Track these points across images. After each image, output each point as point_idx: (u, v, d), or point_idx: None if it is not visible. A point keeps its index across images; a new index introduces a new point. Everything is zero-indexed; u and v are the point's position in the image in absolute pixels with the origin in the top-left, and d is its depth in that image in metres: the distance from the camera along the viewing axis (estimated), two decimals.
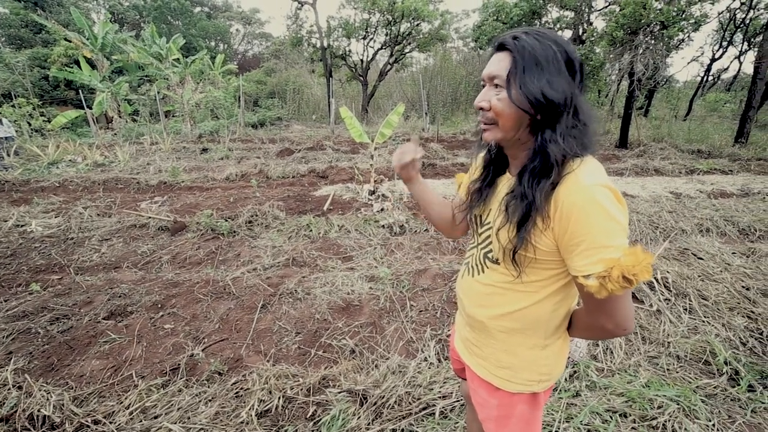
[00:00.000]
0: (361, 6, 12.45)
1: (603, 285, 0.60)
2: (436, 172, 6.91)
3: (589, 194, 0.61)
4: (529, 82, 0.65)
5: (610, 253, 0.60)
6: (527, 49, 0.65)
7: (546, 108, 0.65)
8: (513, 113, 0.68)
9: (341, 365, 1.86)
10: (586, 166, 0.65)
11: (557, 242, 0.67)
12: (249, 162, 7.02)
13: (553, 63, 0.65)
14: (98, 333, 2.22)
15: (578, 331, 0.80)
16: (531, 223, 0.67)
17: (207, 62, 14.86)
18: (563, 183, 0.65)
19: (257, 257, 3.21)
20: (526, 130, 0.70)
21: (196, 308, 2.51)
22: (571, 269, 0.67)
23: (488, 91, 0.71)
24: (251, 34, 27.87)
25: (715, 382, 1.86)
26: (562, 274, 0.73)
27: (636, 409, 1.58)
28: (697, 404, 1.66)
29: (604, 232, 0.61)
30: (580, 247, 0.63)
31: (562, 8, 9.57)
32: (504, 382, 0.83)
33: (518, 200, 0.69)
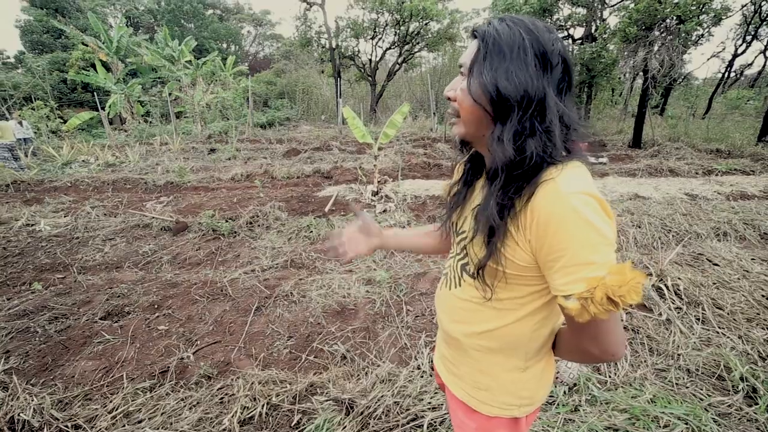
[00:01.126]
0: (370, 6, 12.42)
1: (585, 307, 0.53)
2: (441, 172, 6.81)
3: (567, 203, 0.53)
4: (486, 70, 0.58)
5: (593, 270, 0.52)
6: (493, 36, 0.58)
7: (499, 102, 0.58)
8: (469, 106, 0.61)
9: (331, 371, 1.81)
10: (567, 173, 0.57)
11: (535, 256, 0.59)
12: (255, 162, 7.05)
13: (518, 52, 0.57)
14: (94, 333, 2.22)
15: (563, 353, 0.72)
16: (499, 234, 0.60)
17: (218, 64, 15.06)
18: (539, 192, 0.56)
19: (256, 258, 3.19)
20: (489, 127, 0.62)
21: (192, 309, 2.50)
22: (551, 287, 0.59)
23: (458, 80, 0.65)
24: (262, 36, 28.18)
25: (730, 400, 1.73)
26: (544, 291, 0.65)
27: (639, 428, 1.48)
28: (708, 424, 1.55)
29: (587, 247, 0.53)
30: (559, 263, 0.55)
31: (574, 5, 9.35)
32: (481, 405, 0.76)
33: (485, 209, 0.62)
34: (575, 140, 0.61)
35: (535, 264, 0.61)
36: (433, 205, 4.78)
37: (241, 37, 25.19)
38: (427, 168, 7.13)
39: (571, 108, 0.61)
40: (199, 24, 23.22)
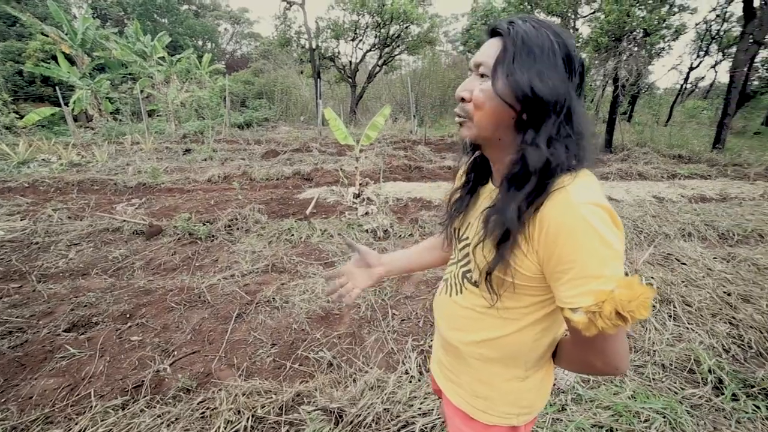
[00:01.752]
0: (350, 7, 12.39)
1: (592, 321, 0.52)
2: (422, 175, 6.85)
3: (578, 214, 0.52)
4: (517, 71, 0.56)
5: (601, 284, 0.51)
6: (521, 35, 0.56)
7: (532, 104, 0.56)
8: (494, 107, 0.59)
9: (317, 379, 1.77)
10: (579, 182, 0.56)
11: (542, 267, 0.58)
12: (233, 163, 6.85)
13: (549, 55, 0.56)
14: (56, 347, 2.06)
15: (564, 363, 0.72)
16: (511, 242, 0.58)
17: (194, 61, 14.56)
18: (550, 200, 0.55)
19: (235, 263, 3.08)
20: (508, 130, 0.61)
21: (168, 318, 2.38)
22: (557, 300, 0.58)
23: (472, 80, 0.62)
24: (239, 34, 27.50)
25: (700, 392, 1.83)
26: (547, 302, 0.64)
27: (623, 424, 1.52)
28: (683, 416, 1.62)
29: (596, 259, 0.52)
30: (567, 275, 0.54)
31: (549, 14, 9.68)
32: (479, 413, 0.75)
33: (498, 214, 0.60)
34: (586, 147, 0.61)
35: (541, 275, 0.60)
36: (415, 208, 4.79)
37: (217, 35, 24.44)
38: (408, 170, 7.16)
39: (584, 113, 0.61)
40: (173, 19, 22.35)
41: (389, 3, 12.40)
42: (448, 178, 6.62)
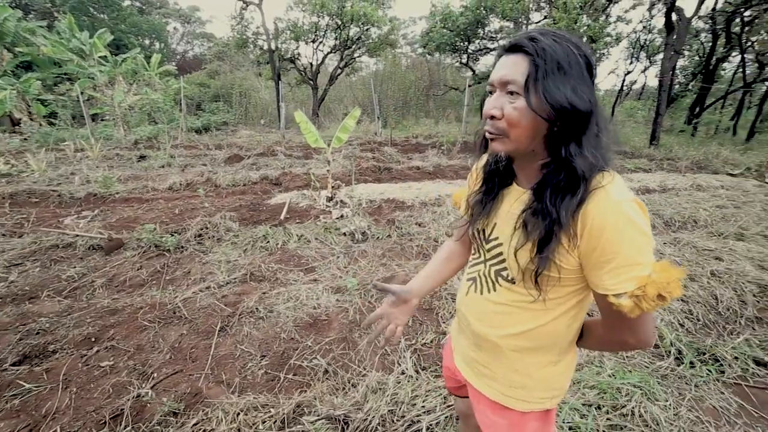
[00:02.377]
0: (310, 9, 12.21)
1: (637, 304, 0.57)
2: (392, 176, 6.91)
3: (621, 211, 0.58)
4: (552, 88, 0.59)
5: (641, 270, 0.57)
6: (548, 52, 0.59)
7: (571, 118, 0.60)
8: (530, 123, 0.62)
9: (315, 388, 1.73)
10: (614, 181, 0.61)
11: (582, 260, 0.63)
12: (194, 170, 6.48)
13: (576, 67, 0.60)
14: (4, 384, 1.82)
15: (592, 344, 0.77)
16: (555, 242, 0.62)
17: (141, 62, 13.57)
18: (592, 199, 0.60)
19: (210, 274, 2.93)
20: (541, 141, 0.65)
21: (141, 338, 2.20)
22: (599, 287, 0.62)
23: (500, 98, 0.64)
24: (191, 34, 26.02)
25: (666, 363, 2.03)
26: (580, 290, 0.69)
27: (608, 400, 1.64)
28: (655, 387, 1.78)
29: (636, 249, 0.58)
30: (610, 265, 0.59)
31: (503, 19, 10.17)
32: (516, 402, 0.78)
33: (539, 218, 0.63)
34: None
35: (579, 267, 0.64)
36: (389, 209, 4.82)
37: (166, 34, 22.86)
38: (378, 172, 7.19)
39: (606, 114, 0.66)
40: (114, 15, 20.54)
41: (349, 5, 12.38)
42: (418, 178, 6.73)
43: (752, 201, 5.29)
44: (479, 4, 11.09)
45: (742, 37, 11.99)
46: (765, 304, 2.71)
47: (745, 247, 3.53)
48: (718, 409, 1.74)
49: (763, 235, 3.96)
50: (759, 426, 1.68)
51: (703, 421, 1.65)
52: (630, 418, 1.55)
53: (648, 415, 1.56)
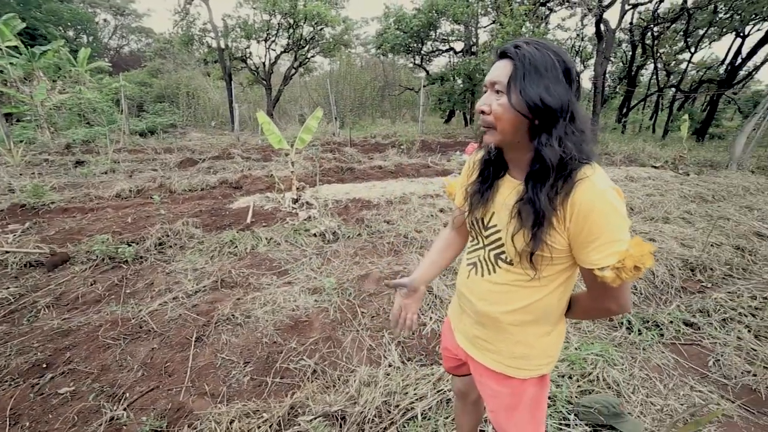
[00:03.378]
0: (261, 6, 11.80)
1: (618, 275, 0.68)
2: (355, 176, 6.93)
3: (605, 197, 0.68)
4: (528, 87, 0.69)
5: (620, 246, 0.68)
6: (527, 57, 0.70)
7: (543, 113, 0.70)
8: (512, 117, 0.72)
9: (306, 388, 1.73)
10: (598, 173, 0.72)
11: (570, 240, 0.73)
12: (144, 175, 6.02)
13: (552, 70, 0.70)
14: None
15: (578, 314, 0.88)
16: (546, 226, 0.72)
17: (66, 56, 12.18)
18: (579, 187, 0.70)
19: (177, 283, 2.77)
20: (525, 134, 0.74)
21: (105, 357, 2.04)
22: (585, 263, 0.73)
23: (489, 96, 0.75)
24: (125, 28, 23.80)
25: (619, 333, 2.31)
26: (568, 268, 0.80)
27: (577, 370, 1.83)
28: (613, 354, 2.02)
29: (616, 228, 0.69)
30: (595, 243, 0.70)
31: (454, 22, 10.60)
32: (518, 371, 0.87)
33: (529, 206, 0.73)
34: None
35: (567, 246, 0.75)
36: (356, 208, 4.85)
37: (95, 27, 20.63)
38: (341, 172, 7.17)
39: (585, 114, 0.76)
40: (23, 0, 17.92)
41: (302, 4, 12.16)
42: (381, 177, 6.81)
43: (672, 189, 6.03)
44: (431, 8, 11.45)
45: (653, 49, 13.62)
46: (687, 276, 3.14)
47: (670, 229, 4.04)
48: (661, 366, 2.02)
49: (682, 218, 4.55)
50: (689, 375, 1.99)
51: (650, 378, 1.91)
52: (596, 383, 1.75)
53: (610, 379, 1.78)
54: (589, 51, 16.26)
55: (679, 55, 14.43)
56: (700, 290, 2.96)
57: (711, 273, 3.21)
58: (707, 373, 2.00)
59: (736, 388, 1.90)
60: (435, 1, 11.74)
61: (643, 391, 1.78)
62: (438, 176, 6.86)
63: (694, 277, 3.16)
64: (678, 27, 13.02)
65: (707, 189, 6.19)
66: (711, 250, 3.52)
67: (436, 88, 14.92)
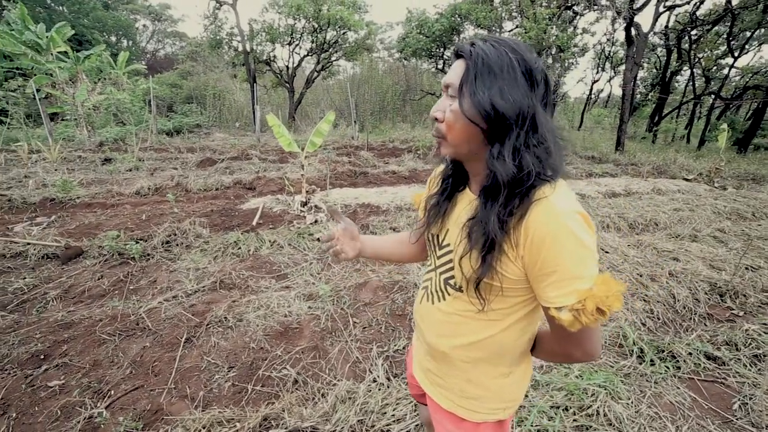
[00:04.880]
0: (286, 11, 12.08)
1: (576, 318, 0.57)
2: (368, 180, 6.91)
3: (562, 222, 0.57)
4: (479, 90, 0.59)
5: (582, 283, 0.57)
6: (480, 56, 0.59)
7: (496, 120, 0.59)
8: (463, 126, 0.62)
9: (284, 399, 1.69)
10: (558, 191, 0.61)
11: (526, 271, 0.63)
12: (164, 173, 6.24)
13: (508, 71, 0.59)
14: None
15: (543, 355, 0.78)
16: (497, 251, 0.62)
17: (107, 59, 12.92)
18: (534, 209, 0.59)
19: (178, 282, 2.82)
20: (480, 145, 0.64)
21: (99, 352, 2.08)
22: (542, 300, 0.63)
23: (444, 101, 0.65)
24: (162, 32, 25.04)
25: (628, 362, 2.11)
26: (528, 301, 0.69)
27: (575, 401, 1.69)
28: (619, 386, 1.85)
29: (577, 262, 0.57)
30: (551, 278, 0.59)
31: (478, 26, 10.44)
32: (469, 413, 0.78)
33: (479, 226, 0.63)
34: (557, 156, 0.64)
35: (524, 277, 0.64)
36: (364, 213, 4.81)
37: (135, 32, 21.81)
38: (354, 176, 7.17)
39: (551, 123, 0.64)
40: (75, 9, 19.30)
41: (326, 9, 12.35)
42: (393, 182, 6.76)
43: (704, 204, 5.64)
44: (454, 12, 11.34)
45: (690, 54, 12.87)
46: (715, 302, 2.88)
47: (698, 248, 3.75)
48: (675, 404, 1.83)
49: (713, 236, 4.23)
50: (709, 417, 1.77)
51: (661, 417, 1.73)
52: (595, 418, 1.61)
53: (612, 414, 1.62)
54: (621, 56, 15.63)
55: (721, 60, 13.58)
56: (729, 318, 2.70)
57: (744, 300, 2.92)
58: (731, 418, 1.79)
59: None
60: (458, 5, 11.63)
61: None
62: None
63: (723, 303, 2.89)
64: (720, 30, 12.25)
65: (746, 205, 5.74)
66: (745, 274, 3.22)
67: None
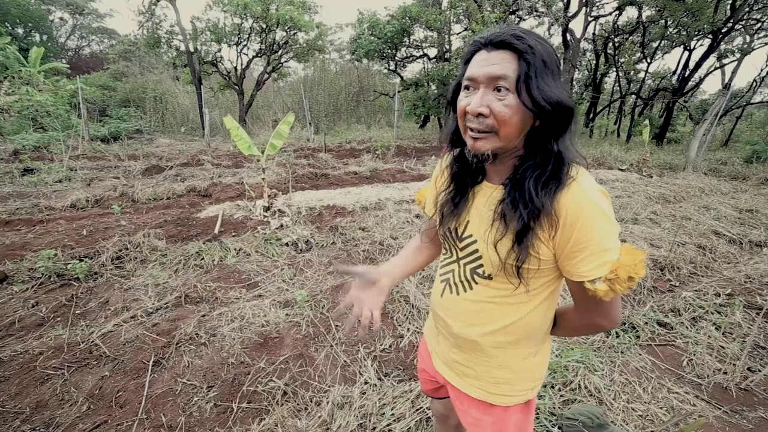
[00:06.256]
0: (231, 9, 11.50)
1: (610, 287, 0.60)
2: (329, 182, 6.80)
3: (592, 200, 0.61)
4: (545, 86, 0.60)
5: (611, 255, 0.61)
6: (537, 50, 0.60)
7: (560, 114, 0.62)
8: (520, 120, 0.62)
9: (275, 413, 1.59)
10: (583, 173, 0.65)
11: (556, 250, 0.65)
12: (104, 183, 5.62)
13: (557, 66, 0.63)
14: None
15: (566, 331, 0.81)
16: (533, 233, 0.64)
17: (13, 54, 11.33)
18: (565, 191, 0.62)
19: (135, 301, 2.55)
20: (523, 138, 0.66)
21: (43, 391, 1.80)
22: (573, 275, 0.65)
23: (487, 95, 0.63)
24: (85, 28, 22.45)
25: (597, 337, 2.30)
26: (553, 280, 0.72)
27: (558, 378, 1.79)
28: (593, 359, 2.00)
29: (606, 236, 0.61)
30: (584, 253, 0.62)
31: (428, 29, 10.71)
32: (500, 398, 0.79)
33: (519, 208, 0.64)
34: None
35: (552, 257, 0.66)
36: (330, 215, 4.73)
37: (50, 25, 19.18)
38: (315, 178, 7.03)
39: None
40: None
41: (274, 8, 11.95)
42: (356, 183, 6.71)
43: (638, 191, 6.28)
44: (404, 14, 11.55)
45: (615, 58, 14.38)
46: (657, 276, 3.22)
47: (640, 230, 4.16)
48: (639, 369, 2.02)
49: (650, 219, 4.72)
50: (666, 376, 1.99)
51: (630, 382, 1.90)
52: (578, 391, 1.72)
53: (592, 386, 1.74)
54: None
55: (638, 64, 15.28)
56: (669, 289, 3.04)
57: (678, 272, 3.31)
58: (682, 374, 2.02)
59: (709, 388, 1.92)
60: (408, 7, 11.86)
61: (624, 396, 1.76)
62: (414, 181, 6.85)
63: (664, 276, 3.24)
64: (635, 39, 13.79)
65: (669, 190, 6.49)
66: (677, 249, 3.64)
67: (410, 94, 15.02)
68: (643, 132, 8.79)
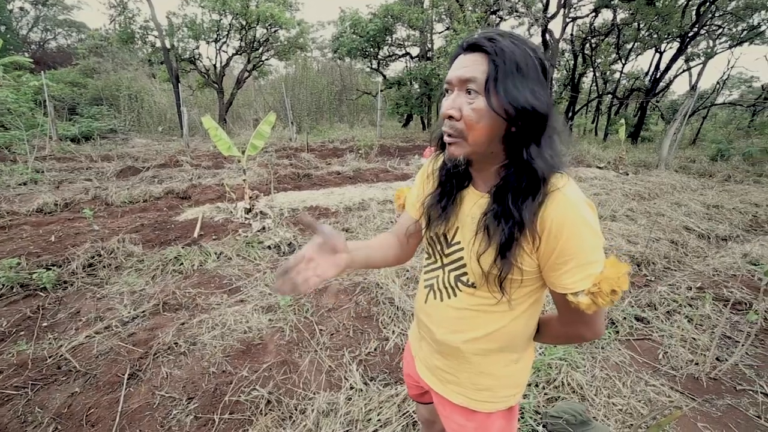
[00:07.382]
0: (210, 5, 11.17)
1: (593, 300, 0.60)
2: (312, 182, 6.73)
3: (578, 212, 0.60)
4: (512, 89, 0.58)
5: (595, 268, 0.60)
6: (507, 53, 0.58)
7: (530, 119, 0.60)
8: (489, 124, 0.61)
9: (259, 423, 1.55)
10: (568, 183, 0.63)
11: (540, 261, 0.65)
12: (75, 186, 5.36)
13: (533, 70, 0.60)
14: None
15: (549, 339, 0.81)
16: (516, 245, 0.63)
17: None
18: (551, 201, 0.61)
19: (110, 310, 2.44)
20: (499, 143, 0.64)
21: (2, 414, 1.69)
22: (556, 287, 0.65)
23: (459, 98, 0.62)
24: (49, 20, 21.23)
25: None
26: (536, 290, 0.72)
27: (542, 377, 1.82)
28: (576, 356, 2.04)
29: (591, 249, 0.60)
30: (568, 265, 0.61)
31: (410, 27, 10.73)
32: (482, 404, 0.79)
33: (501, 221, 0.63)
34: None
35: (537, 268, 0.66)
36: (313, 217, 4.67)
37: (8, 15, 17.86)
38: (297, 179, 6.94)
39: (559, 117, 0.66)
40: None
41: (254, 4, 11.70)
42: (339, 183, 6.66)
43: (615, 188, 6.48)
44: (386, 13, 11.53)
45: (592, 59, 14.82)
46: (634, 271, 3.33)
47: (617, 227, 4.29)
48: (619, 364, 2.08)
49: (626, 216, 4.88)
50: (644, 370, 2.06)
51: (611, 377, 1.95)
52: (562, 389, 1.75)
53: (574, 383, 1.78)
54: None
55: (613, 65, 15.78)
56: (645, 284, 3.14)
57: (654, 267, 3.43)
58: (658, 366, 2.09)
59: (682, 379, 1.99)
60: (390, 6, 11.84)
61: (605, 392, 1.80)
62: (397, 180, 6.84)
63: (640, 271, 3.35)
64: (611, 40, 14.24)
65: (644, 188, 6.73)
66: (652, 245, 3.77)
67: (393, 93, 15.03)
68: (620, 131, 9.07)
